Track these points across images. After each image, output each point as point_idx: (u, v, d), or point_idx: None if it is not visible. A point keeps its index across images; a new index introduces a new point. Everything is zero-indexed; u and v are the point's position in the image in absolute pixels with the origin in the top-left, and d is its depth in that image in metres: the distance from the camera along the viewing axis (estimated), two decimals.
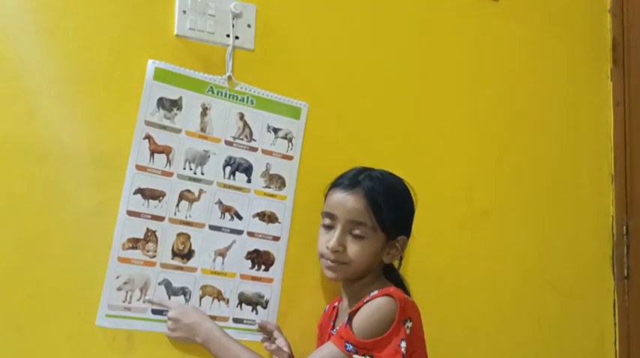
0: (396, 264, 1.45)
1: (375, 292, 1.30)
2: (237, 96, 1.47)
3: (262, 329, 1.45)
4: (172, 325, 1.36)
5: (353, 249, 1.34)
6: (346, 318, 1.28)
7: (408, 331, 1.27)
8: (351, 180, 1.37)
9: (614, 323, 1.95)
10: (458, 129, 1.77)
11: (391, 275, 1.43)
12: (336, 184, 1.39)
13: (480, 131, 1.80)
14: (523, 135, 1.88)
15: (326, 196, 1.41)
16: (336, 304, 1.48)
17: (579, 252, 1.93)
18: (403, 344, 1.24)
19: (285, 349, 1.40)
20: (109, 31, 1.38)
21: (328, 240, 1.35)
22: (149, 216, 1.38)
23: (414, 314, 1.30)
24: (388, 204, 1.35)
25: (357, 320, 1.26)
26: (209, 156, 1.44)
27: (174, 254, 1.39)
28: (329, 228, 1.37)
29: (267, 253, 1.48)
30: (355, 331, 1.25)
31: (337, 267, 1.36)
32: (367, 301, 1.28)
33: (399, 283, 1.42)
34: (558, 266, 1.88)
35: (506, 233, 1.81)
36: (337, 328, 1.35)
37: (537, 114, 1.91)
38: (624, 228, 1.96)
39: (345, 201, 1.35)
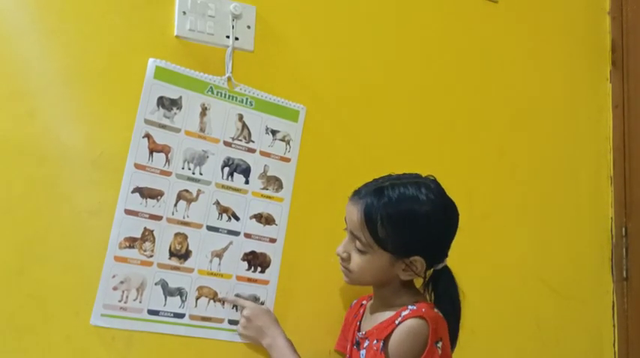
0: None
1: (407, 311, 1.27)
2: (236, 98, 1.48)
3: None
4: (245, 323, 1.40)
5: (354, 259, 1.32)
6: (381, 343, 1.26)
7: (440, 351, 1.26)
8: (362, 191, 1.32)
9: (613, 325, 1.96)
10: (456, 132, 1.77)
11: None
12: (354, 191, 1.34)
13: (479, 133, 1.80)
14: (522, 138, 1.88)
15: None
16: (364, 302, 1.47)
17: (578, 254, 1.94)
18: None
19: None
20: (109, 31, 1.38)
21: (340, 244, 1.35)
22: (147, 216, 1.37)
23: (444, 332, 1.29)
24: (387, 224, 1.27)
25: (392, 346, 1.25)
26: (207, 157, 1.44)
27: (172, 254, 1.39)
28: (346, 231, 1.36)
29: (263, 255, 1.48)
30: None
31: (346, 271, 1.35)
32: (399, 323, 1.26)
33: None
34: (557, 268, 1.88)
35: (505, 235, 1.81)
36: (363, 331, 1.36)
37: (536, 117, 1.91)
38: (623, 229, 1.96)
39: (350, 212, 1.31)
